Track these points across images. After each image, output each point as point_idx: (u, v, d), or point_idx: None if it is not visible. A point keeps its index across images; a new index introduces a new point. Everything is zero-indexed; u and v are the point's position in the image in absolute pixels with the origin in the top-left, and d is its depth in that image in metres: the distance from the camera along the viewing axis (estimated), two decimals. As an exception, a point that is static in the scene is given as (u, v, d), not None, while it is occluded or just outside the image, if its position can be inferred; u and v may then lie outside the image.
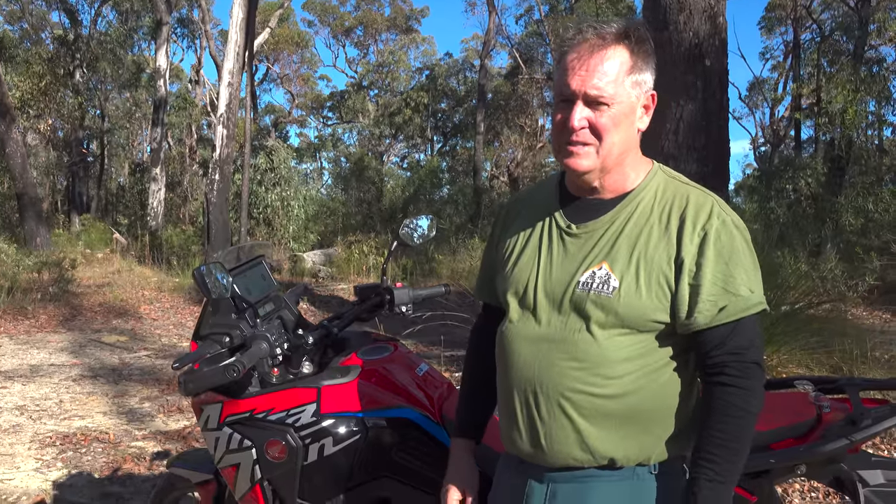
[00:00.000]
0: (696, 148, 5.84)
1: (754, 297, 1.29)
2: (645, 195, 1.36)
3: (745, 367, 1.28)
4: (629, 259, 1.31)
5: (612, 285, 1.30)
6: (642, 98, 1.35)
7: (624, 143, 1.34)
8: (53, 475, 3.88)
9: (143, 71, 24.46)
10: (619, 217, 1.35)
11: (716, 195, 1.35)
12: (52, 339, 7.62)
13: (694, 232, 1.29)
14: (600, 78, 1.29)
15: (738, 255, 1.29)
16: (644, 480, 1.34)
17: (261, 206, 17.12)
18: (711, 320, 1.27)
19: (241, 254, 2.28)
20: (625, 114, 1.32)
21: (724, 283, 1.27)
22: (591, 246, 1.35)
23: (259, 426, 1.84)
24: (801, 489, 3.51)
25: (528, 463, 1.40)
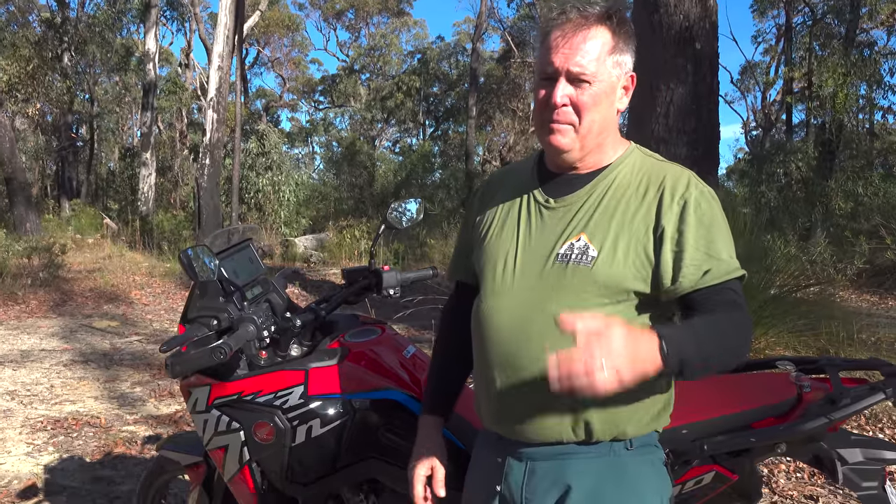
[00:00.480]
0: (686, 131, 5.85)
1: (734, 262, 1.32)
2: (622, 169, 1.39)
3: (734, 305, 1.29)
4: (607, 230, 1.33)
5: (591, 255, 1.32)
6: (622, 79, 1.37)
7: (603, 122, 1.36)
8: (45, 459, 3.89)
9: (132, 54, 24.26)
10: (595, 190, 1.38)
11: (686, 168, 1.38)
12: (43, 324, 7.61)
13: (673, 201, 1.31)
14: (583, 56, 1.32)
15: (717, 222, 1.32)
16: (621, 456, 1.35)
17: (252, 190, 17.06)
18: (696, 283, 1.28)
19: (229, 237, 2.28)
20: (605, 93, 1.34)
21: (706, 249, 1.29)
22: (569, 219, 1.37)
23: (247, 408, 1.85)
24: (787, 469, 3.56)
25: (506, 439, 1.41)
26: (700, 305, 1.29)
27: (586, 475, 1.34)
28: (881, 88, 16.52)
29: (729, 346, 1.26)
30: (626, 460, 1.35)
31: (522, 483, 1.38)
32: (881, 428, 3.98)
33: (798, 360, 1.85)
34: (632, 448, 1.35)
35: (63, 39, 20.25)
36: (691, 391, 1.86)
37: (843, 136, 15.72)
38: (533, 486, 1.37)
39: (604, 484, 1.33)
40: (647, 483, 1.36)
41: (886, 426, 4.00)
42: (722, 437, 1.61)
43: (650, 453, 1.38)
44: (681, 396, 1.47)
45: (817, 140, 16.47)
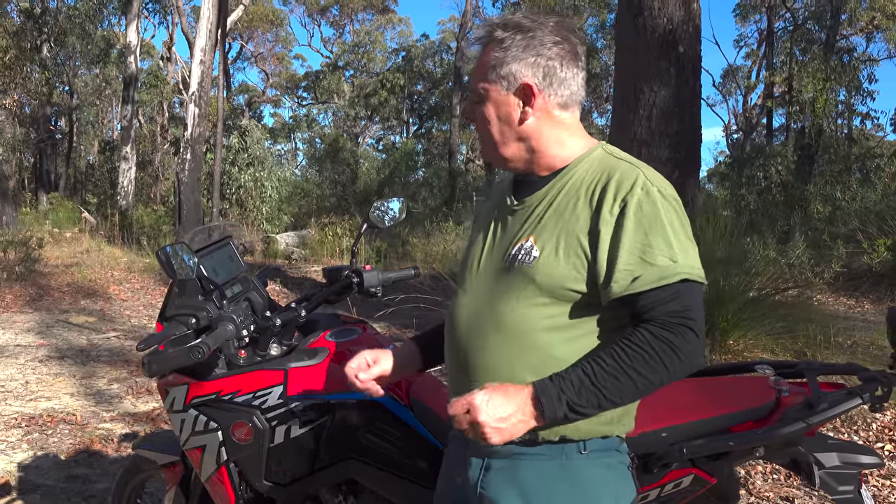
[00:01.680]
0: (668, 134, 5.89)
1: (677, 267, 1.25)
2: (578, 170, 1.38)
3: (670, 324, 1.23)
4: (553, 230, 1.34)
5: (533, 255, 1.34)
6: (512, 90, 1.38)
7: (511, 133, 1.40)
8: (18, 457, 3.83)
9: (112, 47, 23.98)
10: (551, 192, 1.39)
11: (650, 168, 1.35)
12: (18, 319, 7.50)
13: (614, 203, 1.29)
14: (477, 74, 1.42)
15: (660, 224, 1.27)
16: (573, 459, 1.35)
17: (234, 186, 16.92)
18: (625, 289, 1.25)
19: (209, 234, 2.26)
20: (497, 105, 1.40)
21: (641, 253, 1.25)
22: (524, 220, 1.40)
23: (225, 408, 1.83)
24: (764, 471, 3.59)
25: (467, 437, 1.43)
26: (639, 313, 1.27)
27: (538, 476, 1.36)
28: (860, 94, 16.72)
29: (641, 378, 1.21)
30: (578, 464, 1.35)
31: (479, 477, 1.42)
32: (856, 430, 4.02)
33: (777, 364, 1.86)
34: (586, 452, 1.35)
35: (42, 30, 19.97)
36: (670, 394, 1.87)
37: (822, 140, 15.91)
38: (487, 482, 1.40)
39: (554, 485, 1.35)
40: (600, 487, 1.36)
41: (861, 428, 4.05)
42: (701, 441, 1.62)
43: (608, 457, 1.37)
44: (660, 399, 1.48)
45: (797, 144, 16.65)
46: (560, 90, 1.38)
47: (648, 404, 1.78)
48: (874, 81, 18.17)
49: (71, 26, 20.65)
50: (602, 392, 1.22)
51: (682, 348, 1.22)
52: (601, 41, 25.46)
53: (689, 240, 1.30)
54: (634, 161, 1.37)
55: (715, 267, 4.97)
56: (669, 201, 1.30)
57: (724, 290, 4.84)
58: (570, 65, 1.38)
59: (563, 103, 1.40)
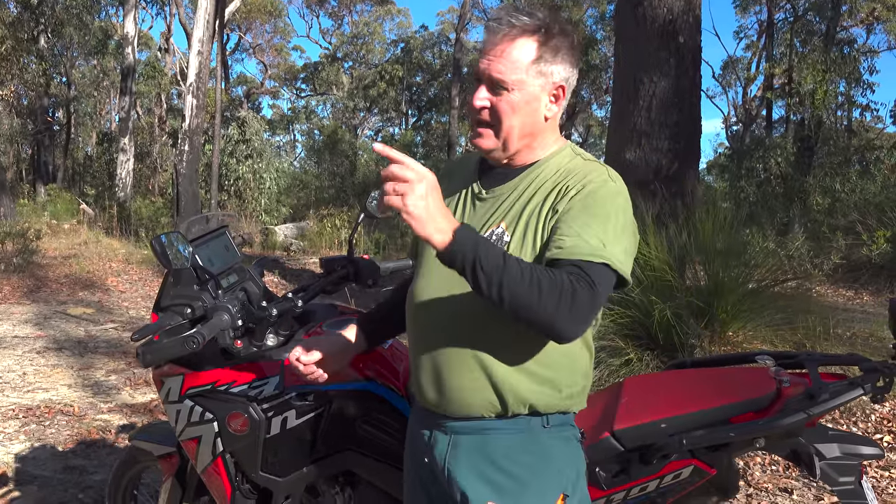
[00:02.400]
0: (668, 125, 5.85)
1: (603, 251, 1.28)
2: (549, 165, 1.45)
3: (582, 281, 1.24)
4: (521, 218, 1.40)
5: (504, 241, 1.39)
6: (548, 87, 1.42)
7: (526, 128, 1.42)
8: (16, 448, 3.82)
9: (110, 38, 23.88)
10: (521, 183, 1.45)
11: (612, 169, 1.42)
12: (16, 310, 7.48)
13: (573, 187, 1.37)
14: (504, 64, 1.38)
15: (603, 212, 1.33)
16: (537, 433, 1.43)
17: (232, 178, 16.89)
18: (556, 255, 1.29)
19: (206, 223, 2.24)
20: (526, 100, 1.40)
21: (579, 228, 1.30)
22: (494, 208, 1.45)
23: (221, 399, 1.82)
24: (762, 462, 3.59)
25: (432, 413, 1.49)
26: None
27: (505, 449, 1.43)
28: (860, 86, 16.66)
29: (536, 287, 1.21)
30: (542, 437, 1.43)
31: (446, 454, 1.46)
32: (854, 421, 4.02)
33: (777, 354, 1.85)
34: (548, 426, 1.44)
35: (39, 21, 19.85)
36: (670, 385, 1.86)
37: (821, 132, 15.86)
38: (455, 457, 1.45)
39: (521, 456, 1.42)
40: (563, 457, 1.45)
41: (860, 419, 4.04)
42: (701, 432, 1.61)
43: (565, 431, 1.47)
44: (660, 391, 1.46)
45: (796, 136, 16.59)
46: (568, 95, 1.46)
47: (647, 395, 1.78)
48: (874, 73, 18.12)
49: (68, 17, 20.53)
50: (504, 269, 1.22)
51: (580, 301, 1.23)
52: (601, 32, 25.36)
53: (626, 237, 1.35)
54: (602, 164, 1.45)
55: (714, 259, 4.95)
56: (623, 197, 1.38)
57: (724, 282, 4.82)
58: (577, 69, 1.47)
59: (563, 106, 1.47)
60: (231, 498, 1.90)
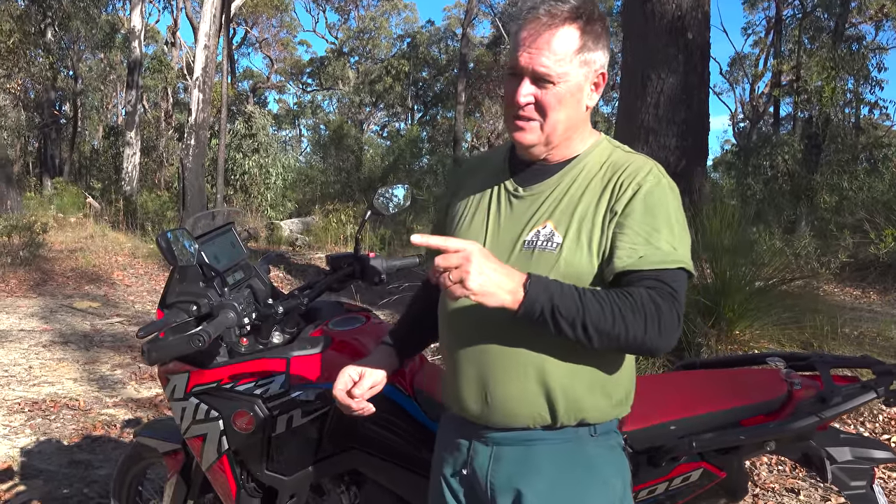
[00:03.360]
0: (676, 122, 5.82)
1: (676, 254, 1.28)
2: (589, 160, 1.40)
3: (664, 294, 1.24)
4: (571, 217, 1.34)
5: (556, 241, 1.33)
6: (591, 76, 1.37)
7: (570, 120, 1.37)
8: (21, 442, 3.82)
9: (117, 31, 23.90)
10: (563, 180, 1.39)
11: (655, 162, 1.38)
12: (22, 304, 7.50)
13: (628, 187, 1.32)
14: (548, 56, 1.31)
15: (666, 213, 1.31)
16: (584, 442, 1.37)
17: (238, 172, 16.87)
18: (628, 265, 1.27)
19: (212, 219, 2.23)
20: (571, 92, 1.34)
21: (647, 235, 1.28)
22: (536, 207, 1.39)
23: (226, 397, 1.81)
24: (769, 462, 3.57)
25: (472, 424, 1.42)
26: (627, 286, 1.27)
27: (552, 460, 1.36)
28: (868, 83, 16.55)
29: (620, 318, 1.20)
30: (589, 446, 1.38)
31: (488, 467, 1.40)
32: (862, 422, 4.00)
33: (788, 356, 1.83)
34: (595, 435, 1.38)
35: (47, 14, 19.84)
36: (680, 386, 1.84)
37: (829, 130, 15.77)
38: (498, 470, 1.38)
39: (569, 468, 1.36)
40: (609, 467, 1.39)
41: (867, 420, 4.02)
42: (711, 435, 1.59)
43: (611, 439, 1.41)
44: (670, 392, 1.45)
45: (804, 133, 16.50)
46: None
47: (657, 397, 1.76)
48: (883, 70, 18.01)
49: (75, 10, 20.50)
50: (583, 310, 1.21)
51: (666, 318, 1.23)
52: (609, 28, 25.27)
53: (686, 233, 1.34)
54: (642, 155, 1.41)
55: (721, 257, 4.93)
56: (676, 194, 1.35)
57: (731, 280, 4.80)
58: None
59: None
60: (236, 496, 1.89)
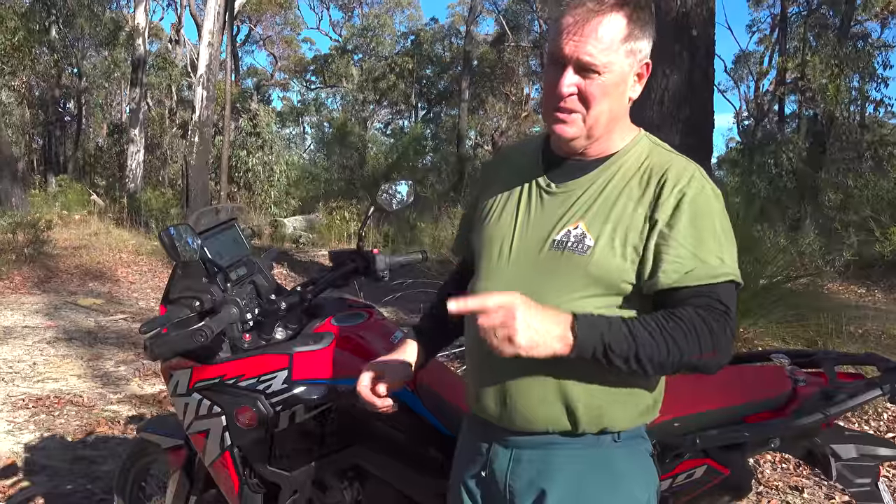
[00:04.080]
0: (680, 119, 5.80)
1: (724, 267, 1.24)
2: (628, 158, 1.33)
3: (715, 312, 1.21)
4: (606, 219, 1.28)
5: (587, 244, 1.27)
6: (636, 67, 1.31)
7: (613, 112, 1.30)
8: (25, 438, 3.83)
9: (121, 29, 23.84)
10: (599, 178, 1.33)
11: (695, 164, 1.32)
12: (27, 300, 7.52)
13: (671, 194, 1.25)
14: (594, 45, 1.25)
15: (711, 223, 1.26)
16: (607, 448, 1.33)
17: (242, 169, 16.89)
18: (675, 282, 1.23)
19: (216, 215, 2.23)
20: (615, 83, 1.28)
21: (693, 248, 1.23)
22: (568, 205, 1.33)
23: (229, 392, 1.81)
24: (773, 460, 3.56)
25: (492, 426, 1.38)
26: (673, 305, 1.23)
27: (572, 466, 1.32)
28: (874, 81, 16.49)
29: (674, 346, 1.18)
30: (612, 452, 1.33)
31: (507, 470, 1.36)
32: (866, 420, 3.98)
33: (793, 353, 1.82)
34: (619, 441, 1.33)
35: (51, 12, 19.87)
36: (683, 383, 1.83)
37: (834, 127, 15.73)
38: (518, 473, 1.35)
39: (591, 476, 1.32)
40: (634, 476, 1.34)
41: (871, 418, 4.01)
42: (715, 432, 1.58)
43: (637, 445, 1.36)
44: (673, 389, 1.44)
45: (808, 131, 16.48)
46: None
47: (661, 393, 1.74)
48: (888, 68, 17.87)
49: (79, 8, 20.53)
50: (636, 344, 1.17)
51: (720, 338, 1.20)
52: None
53: (732, 242, 1.28)
54: (682, 155, 1.34)
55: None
56: (719, 201, 1.28)
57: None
58: None
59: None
60: (239, 492, 1.89)
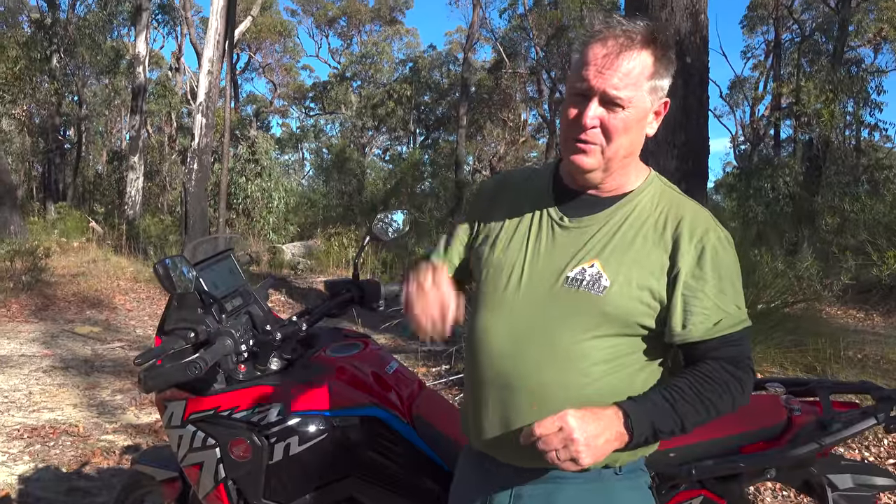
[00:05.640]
0: (675, 145, 5.84)
1: (742, 314, 1.31)
2: (643, 199, 1.35)
3: (738, 363, 1.29)
4: (622, 260, 1.29)
5: (604, 285, 1.28)
6: (656, 104, 1.33)
7: (630, 147, 1.32)
8: (19, 469, 3.80)
9: (122, 57, 24.08)
10: (615, 216, 1.33)
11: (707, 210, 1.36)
12: (24, 329, 7.49)
13: (691, 244, 1.28)
14: (621, 79, 1.26)
15: (729, 272, 1.30)
16: (609, 481, 1.33)
17: (241, 196, 16.94)
18: (705, 333, 1.28)
19: (214, 246, 2.24)
20: (638, 118, 1.30)
21: (716, 299, 1.28)
22: (583, 241, 1.33)
23: (223, 424, 1.80)
24: (773, 487, 3.53)
25: (493, 460, 1.38)
26: (703, 355, 1.30)
27: (574, 500, 1.32)
28: (868, 105, 16.62)
29: (713, 408, 1.27)
30: (614, 486, 1.33)
31: None
32: (867, 446, 3.95)
33: (788, 381, 1.82)
34: (620, 473, 1.33)
35: (52, 41, 20.07)
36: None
37: (829, 152, 15.82)
38: None
39: None
40: None
41: (872, 444, 3.98)
42: (710, 462, 1.58)
43: (637, 478, 1.37)
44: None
45: (804, 156, 16.56)
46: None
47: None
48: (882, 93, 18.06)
49: (81, 37, 20.75)
50: (680, 418, 1.24)
51: (746, 385, 1.29)
52: (608, 52, 25.44)
53: (740, 285, 1.34)
54: (691, 199, 1.37)
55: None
56: (733, 247, 1.33)
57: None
58: None
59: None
60: (233, 525, 1.87)
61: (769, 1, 23.26)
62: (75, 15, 21.59)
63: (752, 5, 26.27)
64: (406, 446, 1.79)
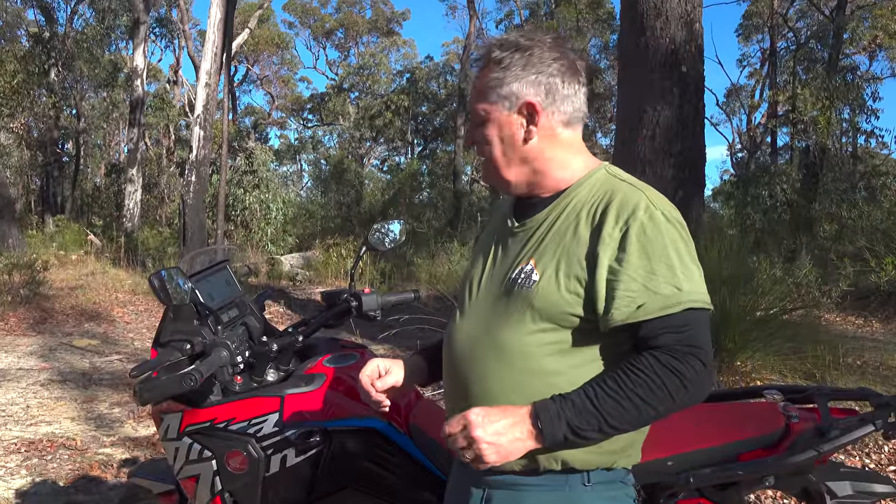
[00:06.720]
0: (672, 153, 5.86)
1: (681, 296, 1.22)
2: (579, 192, 1.35)
3: (677, 351, 1.20)
4: (553, 254, 1.30)
5: (533, 279, 1.30)
6: (514, 109, 1.35)
7: (511, 154, 1.37)
8: (16, 483, 3.78)
9: (120, 70, 24.16)
10: (552, 214, 1.36)
11: (652, 190, 1.31)
12: (22, 342, 7.47)
13: (615, 226, 1.25)
14: (475, 96, 1.39)
15: (663, 250, 1.23)
16: (577, 492, 1.30)
17: (239, 208, 16.95)
18: (628, 317, 1.22)
19: (211, 257, 2.24)
20: (498, 127, 1.37)
21: (644, 280, 1.22)
22: (524, 243, 1.37)
23: (220, 436, 1.80)
24: (773, 495, 3.52)
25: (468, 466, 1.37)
26: (643, 345, 1.23)
27: None
28: (864, 112, 16.67)
29: (644, 405, 1.19)
30: (582, 496, 1.30)
31: None
32: (867, 453, 3.94)
33: (786, 388, 1.81)
34: (589, 484, 1.30)
35: (50, 55, 20.15)
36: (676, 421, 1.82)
37: (826, 159, 15.85)
38: None
39: None
40: None
41: (872, 451, 3.97)
42: (709, 470, 1.57)
43: (613, 490, 1.32)
44: (666, 427, 1.43)
45: (801, 163, 16.60)
46: (563, 107, 1.36)
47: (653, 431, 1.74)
48: (878, 99, 18.14)
49: (79, 50, 20.82)
50: (603, 415, 1.19)
51: (689, 377, 1.19)
52: (604, 61, 25.60)
53: (694, 264, 1.26)
54: (637, 183, 1.33)
55: (721, 287, 4.91)
56: (673, 224, 1.27)
57: (731, 311, 4.78)
58: (571, 81, 1.36)
59: (567, 121, 1.37)
60: (230, 537, 1.86)
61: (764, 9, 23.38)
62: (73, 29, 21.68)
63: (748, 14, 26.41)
64: (403, 457, 1.78)
